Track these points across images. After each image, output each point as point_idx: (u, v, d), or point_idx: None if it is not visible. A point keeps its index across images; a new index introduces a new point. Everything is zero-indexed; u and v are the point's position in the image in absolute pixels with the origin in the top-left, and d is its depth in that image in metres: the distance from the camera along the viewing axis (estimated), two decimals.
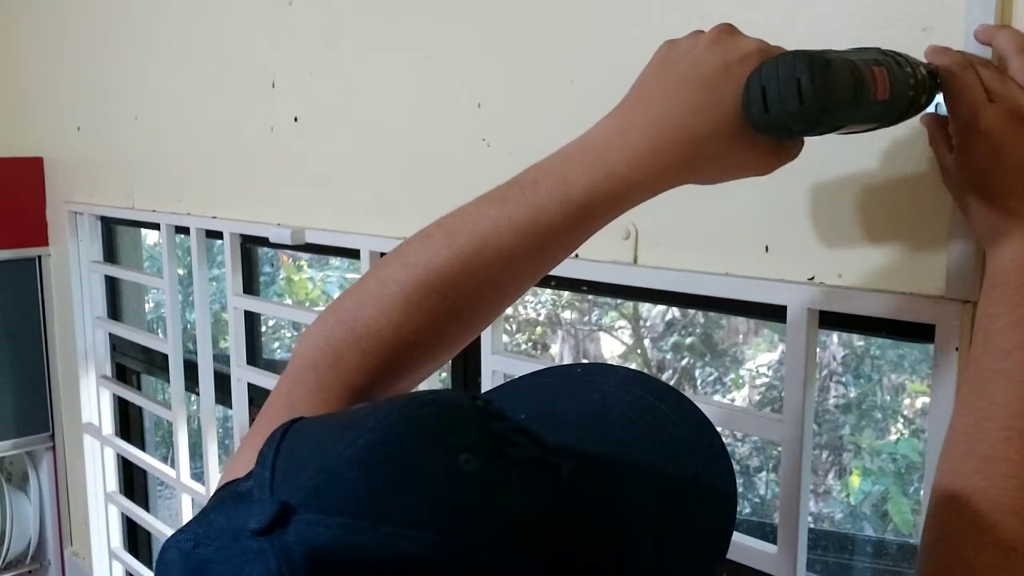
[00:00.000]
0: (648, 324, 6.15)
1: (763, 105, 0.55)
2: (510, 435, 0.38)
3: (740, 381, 5.94)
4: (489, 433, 0.38)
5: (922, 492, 0.72)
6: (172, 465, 1.85)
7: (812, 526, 0.85)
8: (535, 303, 6.20)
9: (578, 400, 0.48)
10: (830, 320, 0.80)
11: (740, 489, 5.69)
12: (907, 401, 4.95)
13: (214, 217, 1.59)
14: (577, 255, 0.99)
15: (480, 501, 0.35)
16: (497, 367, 1.11)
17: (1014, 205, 0.59)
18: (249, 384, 1.59)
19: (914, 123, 0.69)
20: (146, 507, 2.16)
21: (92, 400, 2.14)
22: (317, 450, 0.36)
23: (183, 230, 1.69)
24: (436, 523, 0.33)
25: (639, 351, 6.20)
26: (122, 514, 2.17)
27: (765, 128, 0.56)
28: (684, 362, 5.90)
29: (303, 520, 0.33)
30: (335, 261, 5.50)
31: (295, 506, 0.34)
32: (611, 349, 6.49)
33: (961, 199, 0.63)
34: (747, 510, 5.62)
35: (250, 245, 1.63)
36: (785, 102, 0.54)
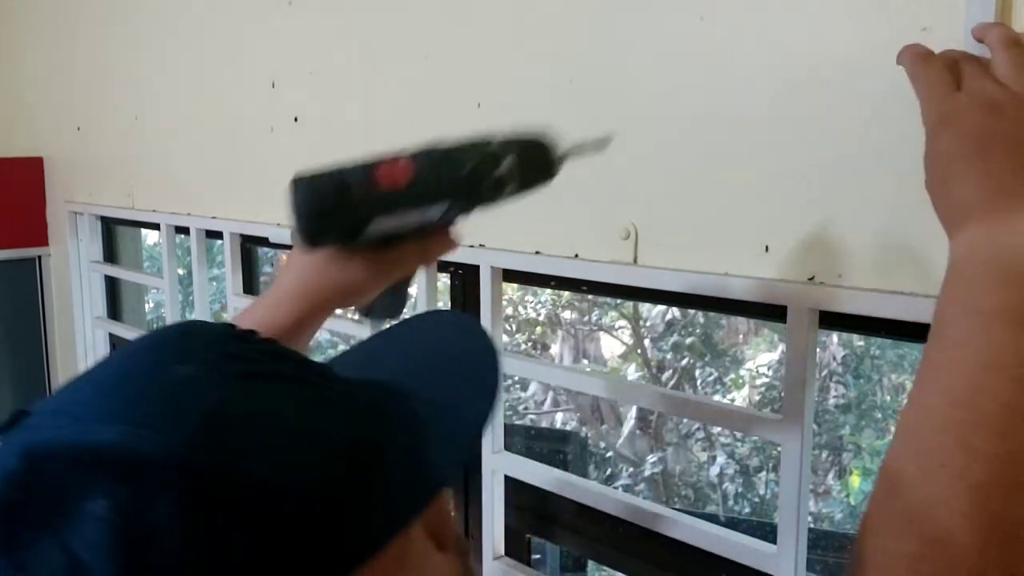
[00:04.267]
0: (648, 324, 6.15)
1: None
2: (249, 353, 0.43)
3: (740, 381, 5.94)
4: (221, 350, 0.42)
5: None
6: None
7: (812, 526, 0.85)
8: (535, 303, 6.20)
9: (400, 343, 0.57)
10: (830, 320, 0.80)
11: (740, 489, 5.64)
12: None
13: (214, 217, 1.59)
14: (577, 255, 0.99)
15: (182, 398, 0.39)
16: None
17: (970, 193, 0.59)
18: None
19: (914, 123, 0.69)
20: None
21: None
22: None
23: (183, 230, 1.69)
24: (131, 416, 0.38)
25: (639, 351, 6.20)
26: None
27: (316, 245, 0.65)
28: (684, 362, 5.91)
29: (27, 423, 0.39)
30: None
31: (29, 412, 0.40)
32: (611, 349, 6.48)
33: (930, 190, 0.63)
34: (747, 510, 5.62)
35: (250, 245, 1.63)
36: (298, 221, 0.63)
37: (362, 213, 0.63)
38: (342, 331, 1.53)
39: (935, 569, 0.50)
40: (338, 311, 0.82)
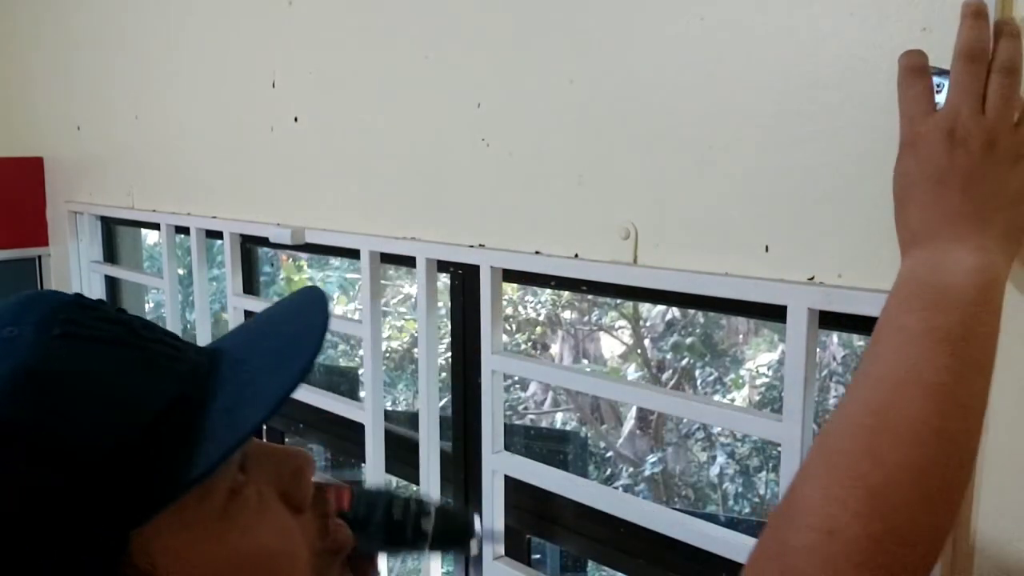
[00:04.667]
0: (648, 324, 6.15)
1: None
2: (83, 319, 0.46)
3: (740, 381, 5.93)
4: (54, 316, 0.46)
5: None
6: None
7: None
8: (535, 303, 6.20)
9: (266, 316, 0.58)
10: (830, 320, 0.80)
11: (739, 489, 5.63)
12: None
13: (214, 217, 1.59)
14: (577, 255, 0.99)
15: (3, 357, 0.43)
16: (497, 367, 1.11)
17: (921, 219, 0.63)
18: None
19: None
20: None
21: None
22: None
23: (183, 230, 1.69)
24: None
25: (639, 351, 6.20)
26: None
27: None
28: (684, 362, 5.90)
29: None
30: (335, 261, 5.50)
31: None
32: (611, 349, 6.48)
33: (895, 205, 0.66)
34: (747, 510, 5.62)
35: (250, 245, 1.63)
36: None
37: None
38: (341, 331, 1.53)
39: (823, 561, 0.53)
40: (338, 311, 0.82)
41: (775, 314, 0.82)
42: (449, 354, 1.27)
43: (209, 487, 0.46)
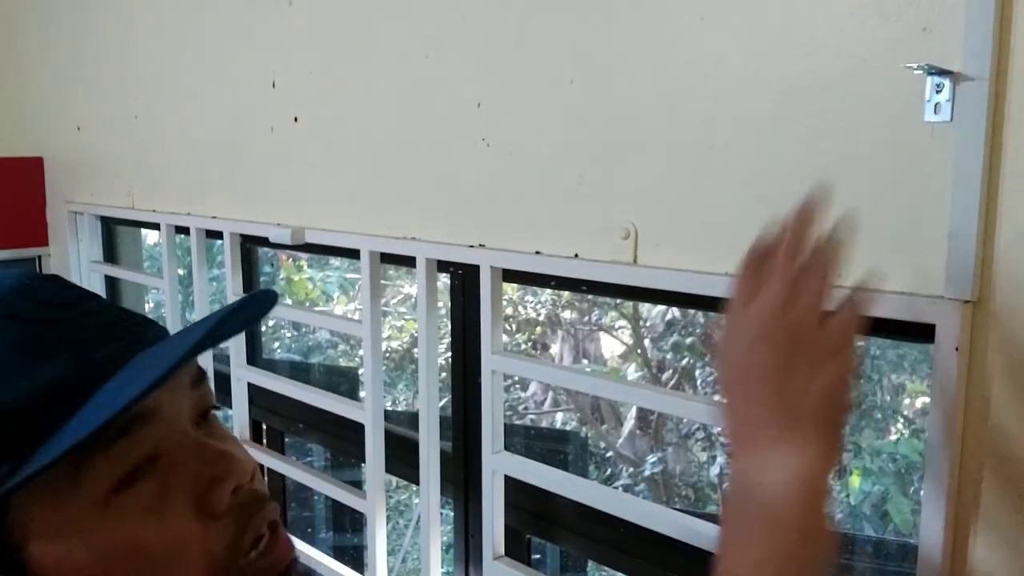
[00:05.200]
0: (648, 324, 6.15)
1: None
2: (18, 303, 0.50)
3: None
4: (3, 299, 0.50)
5: (922, 492, 0.72)
6: None
7: None
8: (535, 303, 6.20)
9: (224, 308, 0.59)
10: None
11: None
12: (907, 401, 4.94)
13: (214, 217, 1.59)
14: (577, 255, 0.99)
15: None
16: (496, 367, 1.11)
17: (739, 418, 0.63)
18: (249, 384, 1.59)
19: (913, 124, 0.69)
20: None
21: None
22: None
23: (183, 230, 1.69)
24: None
25: (639, 351, 6.20)
26: None
27: None
28: (684, 362, 5.90)
29: None
30: (335, 261, 5.51)
31: None
32: (611, 349, 6.48)
33: (720, 390, 0.65)
34: None
35: (250, 245, 1.63)
36: None
37: None
38: (341, 331, 1.53)
39: None
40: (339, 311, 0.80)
41: None
42: (449, 354, 1.27)
43: (85, 475, 0.47)
